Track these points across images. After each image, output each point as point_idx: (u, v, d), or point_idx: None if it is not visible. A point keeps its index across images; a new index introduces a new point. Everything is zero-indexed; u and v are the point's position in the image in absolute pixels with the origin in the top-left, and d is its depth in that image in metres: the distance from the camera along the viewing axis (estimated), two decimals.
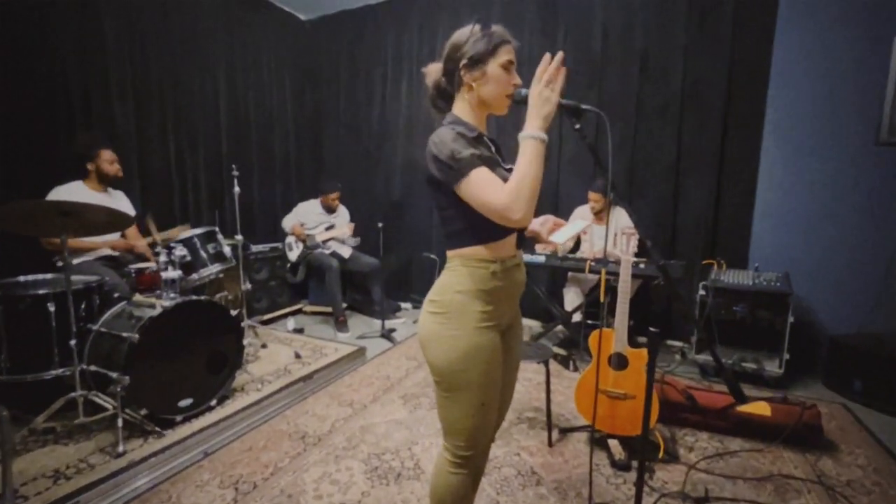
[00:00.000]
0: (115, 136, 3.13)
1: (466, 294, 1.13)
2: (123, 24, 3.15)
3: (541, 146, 1.02)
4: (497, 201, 1.01)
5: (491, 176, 1.04)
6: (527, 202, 1.01)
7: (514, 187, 1.01)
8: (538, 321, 3.93)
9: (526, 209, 1.01)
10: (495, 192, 1.02)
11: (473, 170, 1.04)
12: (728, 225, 3.24)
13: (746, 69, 3.06)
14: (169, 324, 2.02)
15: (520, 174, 1.01)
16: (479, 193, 1.04)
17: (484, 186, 1.03)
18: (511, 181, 1.02)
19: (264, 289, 3.90)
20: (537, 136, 1.01)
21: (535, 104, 1.02)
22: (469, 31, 1.14)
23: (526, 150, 1.02)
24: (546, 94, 1.01)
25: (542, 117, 1.01)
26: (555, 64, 1.02)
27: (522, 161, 1.02)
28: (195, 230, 2.44)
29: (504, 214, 1.02)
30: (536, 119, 1.01)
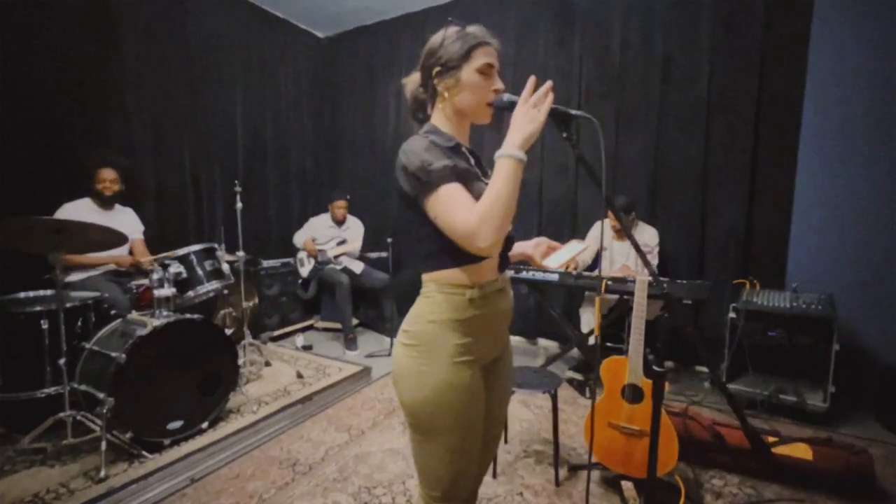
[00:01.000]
0: (132, 152, 3.20)
1: (440, 324, 1.00)
2: (142, 41, 3.23)
3: (518, 166, 0.90)
4: (463, 224, 0.89)
5: (462, 194, 0.92)
6: (496, 228, 0.88)
7: (483, 210, 0.88)
8: (555, 342, 3.73)
9: (494, 236, 0.89)
10: (463, 212, 0.90)
11: (444, 185, 0.92)
12: (762, 241, 2.98)
13: (779, 72, 2.83)
14: (159, 343, 1.97)
15: (492, 196, 0.89)
16: (446, 212, 0.92)
17: (452, 205, 0.91)
18: (481, 203, 0.89)
19: (275, 304, 3.87)
20: (515, 154, 0.89)
21: (519, 122, 0.91)
22: (443, 34, 1.03)
23: (501, 169, 0.89)
24: (532, 113, 0.91)
25: (524, 137, 0.90)
26: (543, 90, 0.92)
27: (496, 181, 0.89)
28: (193, 246, 2.41)
29: (469, 240, 0.89)
30: (517, 137, 0.90)
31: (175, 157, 3.51)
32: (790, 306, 2.47)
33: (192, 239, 3.46)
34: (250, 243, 4.08)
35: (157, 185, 3.40)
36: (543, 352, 3.42)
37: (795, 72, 2.78)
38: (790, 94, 2.81)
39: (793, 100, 2.80)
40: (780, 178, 2.88)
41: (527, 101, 0.91)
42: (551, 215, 3.68)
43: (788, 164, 2.85)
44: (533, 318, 3.78)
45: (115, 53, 3.09)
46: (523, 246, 1.29)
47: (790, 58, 2.79)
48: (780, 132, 2.87)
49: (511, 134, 0.91)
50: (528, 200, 3.71)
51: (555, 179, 3.63)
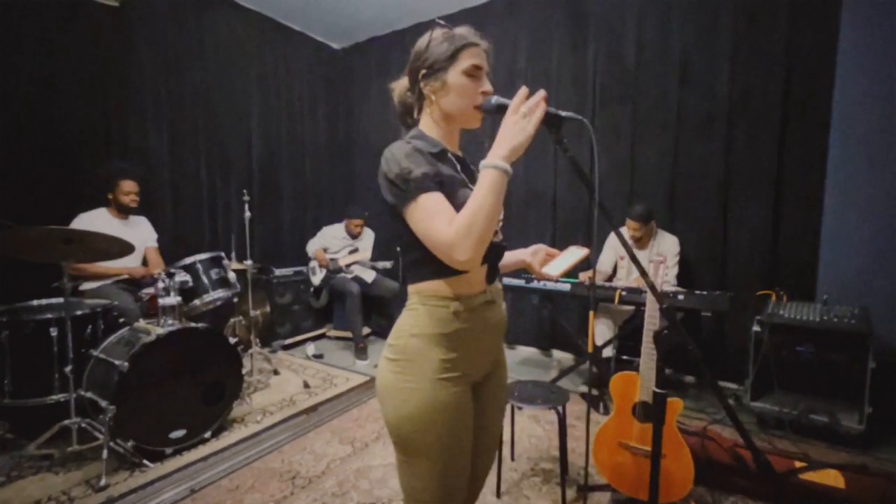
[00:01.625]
0: (149, 162, 3.27)
1: (424, 338, 0.95)
2: (160, 52, 3.32)
3: (502, 178, 0.85)
4: (441, 235, 0.85)
5: (442, 204, 0.88)
6: (476, 241, 0.83)
7: (463, 222, 0.84)
8: (570, 354, 3.61)
9: (474, 250, 0.84)
10: (441, 224, 0.85)
11: (423, 194, 0.88)
12: (789, 250, 2.82)
13: (806, 72, 2.68)
14: (163, 351, 1.97)
15: (473, 208, 0.84)
16: (424, 223, 0.88)
17: (431, 215, 0.87)
18: (461, 215, 0.85)
19: (288, 313, 3.88)
20: (499, 165, 0.84)
21: (507, 133, 0.86)
22: (429, 36, 1.00)
23: (484, 180, 0.85)
24: (522, 124, 0.85)
25: (511, 147, 0.85)
26: (535, 99, 0.86)
27: (478, 193, 0.85)
28: (199, 255, 2.43)
29: (447, 253, 0.85)
30: (503, 148, 0.85)
31: (190, 167, 3.58)
32: (821, 320, 2.31)
33: (207, 247, 3.51)
34: (264, 251, 4.17)
35: (173, 194, 3.47)
36: (557, 364, 3.31)
37: (823, 69, 2.63)
38: (818, 94, 2.66)
39: (821, 99, 2.65)
40: (808, 183, 2.73)
41: (517, 111, 0.86)
42: (565, 225, 3.58)
43: (817, 168, 2.69)
44: (546, 329, 3.67)
45: (133, 64, 3.18)
46: (520, 254, 1.23)
47: (817, 55, 2.64)
48: (807, 134, 2.72)
49: (497, 144, 0.86)
50: (542, 210, 3.63)
51: (569, 189, 3.54)
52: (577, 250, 1.21)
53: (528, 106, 0.86)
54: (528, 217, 3.68)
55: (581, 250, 1.21)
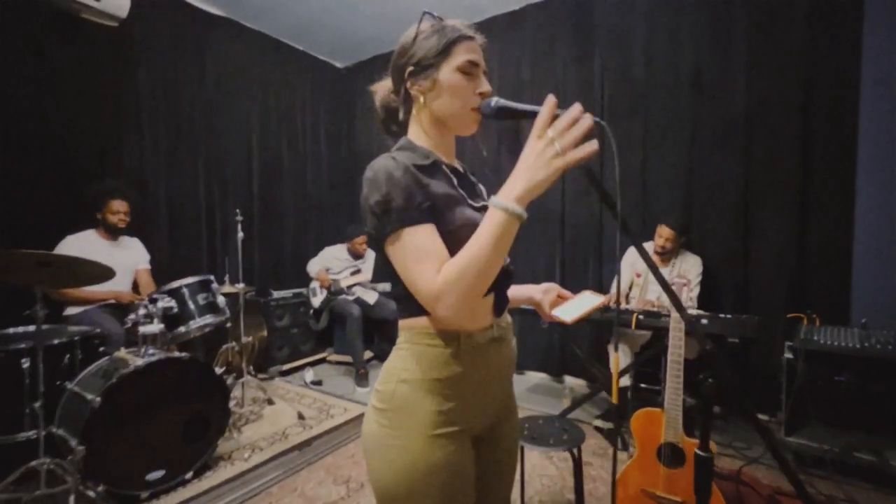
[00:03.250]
0: (144, 182, 3.19)
1: (415, 385, 0.79)
2: (159, 71, 3.27)
3: (510, 224, 0.68)
4: (424, 283, 0.71)
5: (429, 242, 0.73)
6: (463, 296, 0.69)
7: (453, 273, 0.69)
8: (583, 380, 3.40)
9: (460, 306, 0.70)
10: (426, 270, 0.71)
11: (407, 227, 0.73)
12: (818, 270, 2.61)
13: (828, 81, 2.53)
14: (141, 384, 1.82)
15: (468, 256, 0.69)
16: (406, 264, 0.73)
17: (414, 256, 0.73)
18: (453, 262, 0.70)
19: (286, 336, 3.72)
20: (511, 208, 0.67)
21: (530, 163, 0.67)
22: (416, 28, 0.86)
23: (489, 223, 0.69)
24: (548, 154, 0.65)
25: (531, 184, 0.67)
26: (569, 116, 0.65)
27: (479, 237, 0.70)
28: (185, 279, 2.30)
29: (430, 304, 0.72)
30: (520, 182, 0.68)
31: (189, 186, 3.50)
32: (861, 346, 2.09)
33: (204, 269, 3.40)
34: (264, 273, 4.04)
35: (170, 215, 3.37)
36: (569, 392, 3.10)
37: (847, 78, 2.47)
38: (842, 103, 2.49)
39: (846, 109, 2.49)
40: (837, 198, 2.54)
41: (543, 134, 0.66)
42: (574, 243, 3.42)
43: (846, 181, 2.51)
44: (557, 353, 3.47)
45: (130, 83, 3.13)
46: (530, 289, 1.06)
47: (839, 63, 2.49)
48: (832, 145, 2.55)
49: (514, 177, 0.69)
50: (550, 227, 3.47)
51: (578, 203, 3.38)
52: (592, 297, 1.05)
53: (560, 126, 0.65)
54: (534, 235, 3.52)
55: (597, 297, 1.05)
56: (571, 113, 0.65)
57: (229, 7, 3.58)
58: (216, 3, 3.53)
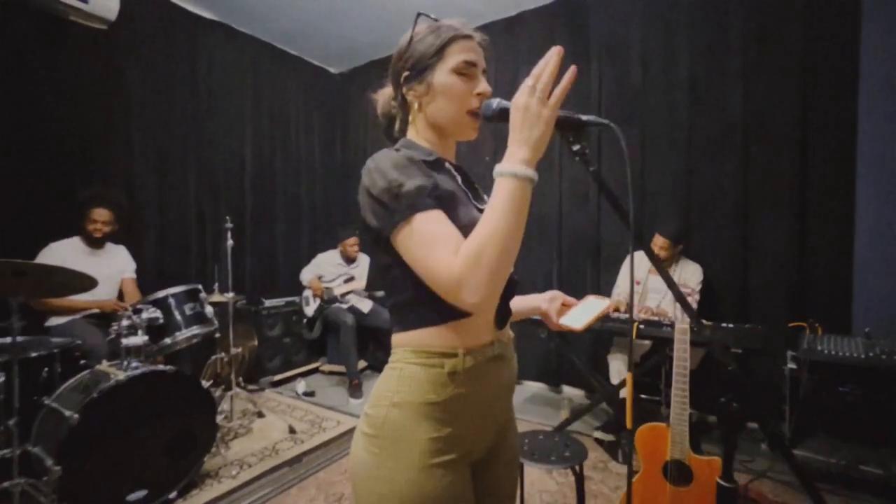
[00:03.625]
0: (133, 186, 3.12)
1: (409, 409, 0.73)
2: (149, 76, 3.20)
3: (523, 188, 0.64)
4: (445, 268, 0.64)
5: (445, 226, 0.67)
6: (489, 276, 0.63)
7: (473, 250, 0.63)
8: (581, 390, 3.34)
9: (487, 288, 0.63)
10: (445, 253, 0.65)
11: (419, 213, 0.67)
12: (820, 277, 2.58)
13: (826, 88, 2.51)
14: (123, 399, 1.74)
15: (486, 230, 0.63)
16: (421, 252, 0.67)
17: (430, 241, 0.66)
18: (471, 240, 0.64)
19: (278, 346, 3.63)
20: (520, 172, 0.64)
21: (520, 123, 0.65)
22: (412, 31, 0.81)
23: (500, 193, 0.64)
24: (536, 108, 0.64)
25: (531, 144, 0.64)
26: (551, 59, 0.66)
27: (492, 211, 0.64)
28: (172, 289, 2.22)
29: (452, 292, 0.64)
30: (521, 146, 0.64)
31: (179, 192, 3.42)
32: (865, 356, 2.05)
33: (194, 278, 3.31)
34: (256, 281, 3.95)
35: (160, 221, 3.29)
36: (567, 403, 3.03)
37: (844, 85, 2.46)
38: (841, 109, 2.48)
39: (844, 115, 2.47)
40: (836, 205, 2.51)
41: (533, 93, 0.65)
42: (572, 250, 3.37)
43: (845, 188, 2.49)
44: (555, 363, 3.41)
45: (119, 87, 3.06)
46: (534, 299, 1.00)
47: (838, 67, 2.48)
48: (831, 153, 2.52)
49: (512, 141, 0.65)
50: (547, 235, 3.42)
51: (576, 210, 3.34)
52: (596, 301, 1.00)
53: (545, 77, 0.65)
54: (530, 243, 3.47)
55: (602, 301, 1.00)
56: (546, 58, 0.66)
57: (222, 11, 3.53)
58: (208, 7, 3.48)
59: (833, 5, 2.48)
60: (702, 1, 2.82)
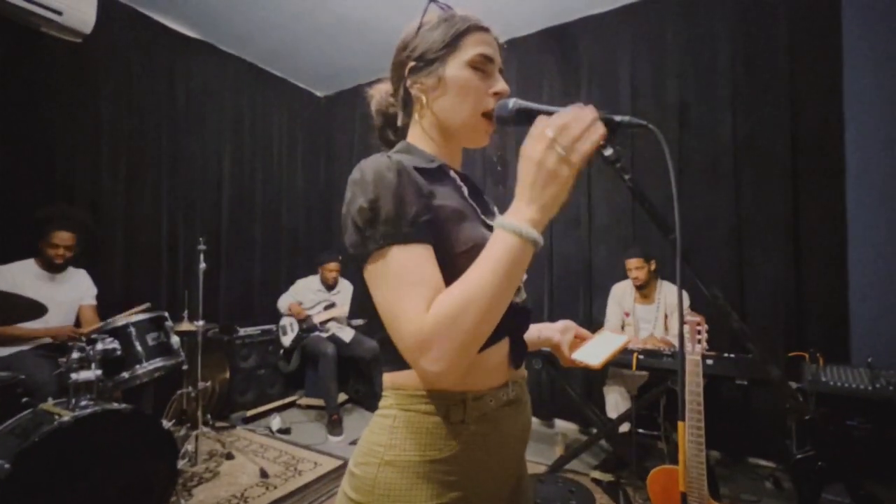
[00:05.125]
0: (99, 205, 2.92)
1: (403, 469, 0.59)
2: (123, 91, 3.06)
3: (525, 250, 0.54)
4: (409, 323, 0.53)
5: (424, 266, 0.56)
6: (461, 346, 0.52)
7: (449, 309, 0.52)
8: (575, 424, 3.18)
9: (455, 359, 0.52)
10: (414, 303, 0.53)
11: (396, 245, 0.55)
12: (815, 305, 2.54)
13: (813, 115, 2.54)
14: (67, 443, 1.51)
15: (469, 288, 0.53)
16: (388, 295, 0.56)
17: (401, 284, 0.55)
18: (449, 296, 0.53)
19: (251, 378, 3.38)
20: (525, 232, 0.53)
21: (531, 180, 0.54)
22: (420, 20, 0.72)
23: (497, 246, 0.54)
24: (555, 165, 0.53)
25: (541, 204, 0.54)
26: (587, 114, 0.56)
27: (484, 266, 0.53)
28: (133, 316, 2.01)
29: (412, 352, 0.53)
30: (529, 204, 0.54)
31: (150, 213, 3.23)
32: (872, 388, 1.98)
33: (164, 305, 3.08)
34: (231, 308, 3.73)
35: (127, 245, 3.08)
36: (561, 438, 2.87)
37: (831, 112, 2.49)
38: (828, 137, 2.50)
39: (832, 143, 2.49)
40: (829, 231, 2.50)
41: (553, 146, 0.54)
42: (563, 276, 3.28)
43: (836, 215, 2.48)
44: (546, 395, 3.26)
45: (90, 102, 2.90)
46: (547, 329, 0.88)
47: (823, 97, 2.51)
48: (821, 179, 2.53)
49: (520, 197, 0.55)
50: (537, 260, 3.31)
51: (566, 233, 3.27)
52: (613, 337, 0.90)
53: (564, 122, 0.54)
54: None
55: (619, 337, 0.90)
56: (574, 108, 0.55)
57: (204, 29, 3.45)
58: (190, 24, 3.39)
59: (817, 32, 2.53)
60: (690, 27, 2.87)
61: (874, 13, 2.41)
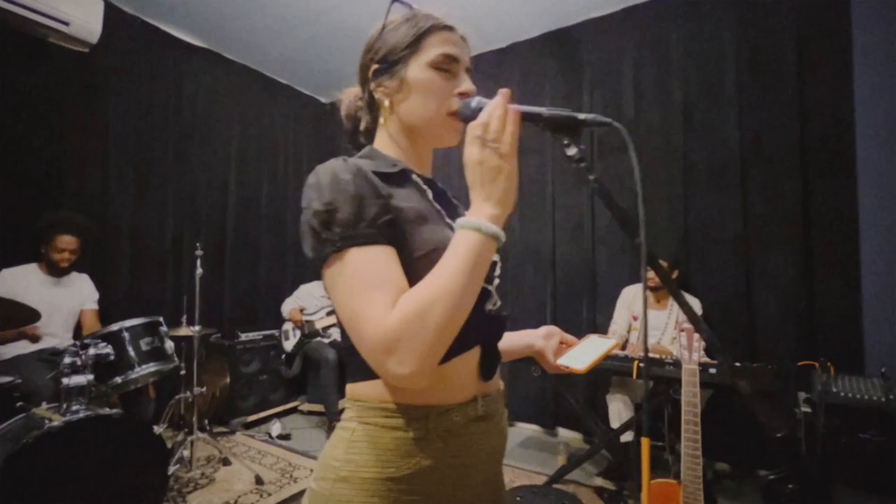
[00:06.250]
0: (106, 211, 2.97)
1: (358, 486, 0.56)
2: (131, 100, 3.11)
3: (487, 245, 0.54)
4: (372, 324, 0.51)
5: (385, 267, 0.54)
6: (430, 345, 0.50)
7: (415, 306, 0.50)
8: (579, 433, 3.11)
9: (423, 358, 0.50)
10: (376, 304, 0.51)
11: (354, 248, 0.54)
12: (827, 312, 2.45)
13: (823, 118, 2.47)
14: (56, 448, 1.51)
15: (434, 286, 0.51)
16: (348, 298, 0.53)
17: (361, 286, 0.53)
18: (413, 294, 0.52)
19: (253, 384, 3.38)
20: (485, 227, 0.53)
21: (479, 180, 0.55)
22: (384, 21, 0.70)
23: (460, 245, 0.53)
24: (494, 161, 0.54)
25: (495, 199, 0.54)
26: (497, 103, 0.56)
27: (448, 265, 0.52)
28: (127, 321, 2.02)
29: (377, 355, 0.51)
30: (484, 202, 0.55)
31: (156, 219, 3.27)
32: (886, 399, 1.89)
33: (169, 310, 3.10)
34: (236, 314, 3.74)
35: (133, 249, 3.11)
36: (564, 448, 2.81)
37: (841, 115, 2.41)
38: (840, 136, 2.41)
39: (844, 141, 2.40)
40: (841, 235, 2.41)
41: (484, 144, 0.55)
42: (567, 283, 3.23)
43: (849, 221, 2.40)
44: (550, 403, 3.19)
45: (98, 111, 2.95)
46: (529, 336, 0.84)
47: (833, 99, 2.44)
48: (833, 180, 2.44)
49: (475, 198, 0.55)
50: (540, 267, 3.28)
51: (570, 239, 3.22)
52: (600, 340, 0.86)
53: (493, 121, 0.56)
54: (523, 276, 3.33)
55: (606, 341, 0.86)
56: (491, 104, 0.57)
57: (210, 37, 3.50)
58: (195, 33, 3.44)
59: (825, 29, 2.46)
60: (694, 28, 2.82)
61: (885, 8, 2.34)
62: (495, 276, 0.70)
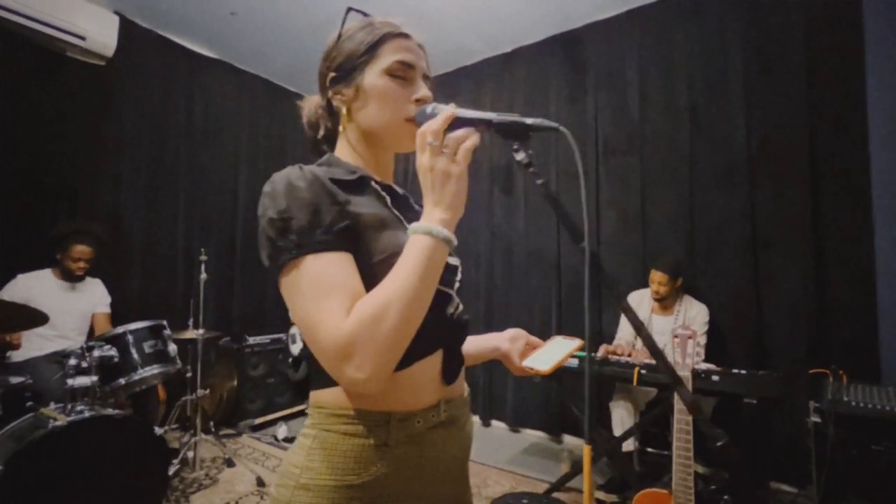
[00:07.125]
0: (119, 218, 3.06)
1: (317, 494, 0.57)
2: (145, 111, 3.21)
3: (439, 249, 0.55)
4: (328, 330, 0.52)
5: (340, 273, 0.55)
6: (385, 349, 0.51)
7: (370, 310, 0.51)
8: (580, 438, 3.06)
9: (379, 362, 0.51)
10: (331, 310, 0.52)
11: (310, 255, 0.54)
12: (840, 318, 2.36)
13: (833, 118, 2.39)
14: (61, 448, 1.56)
15: (389, 290, 0.52)
16: (304, 304, 0.54)
17: (317, 292, 0.53)
18: (369, 300, 0.53)
19: (260, 387, 3.43)
20: (436, 231, 0.55)
21: (430, 185, 0.57)
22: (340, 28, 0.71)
23: (412, 249, 0.54)
24: (443, 165, 0.56)
25: (446, 203, 0.56)
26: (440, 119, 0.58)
27: (401, 269, 0.54)
28: (131, 324, 2.08)
29: (334, 360, 0.51)
30: (435, 206, 0.56)
31: (167, 226, 3.36)
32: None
33: (178, 314, 3.18)
34: (245, 317, 3.81)
35: (145, 254, 3.21)
36: (568, 455, 2.77)
37: (854, 109, 2.33)
38: (852, 138, 2.34)
39: (856, 143, 2.33)
40: (854, 239, 2.33)
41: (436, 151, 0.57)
42: (571, 288, 3.19)
43: (862, 220, 2.31)
44: (556, 410, 3.15)
45: (113, 122, 3.06)
46: (494, 339, 0.84)
47: (843, 99, 2.36)
48: (844, 183, 2.37)
49: (427, 204, 0.57)
50: (545, 271, 3.26)
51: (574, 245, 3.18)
52: (565, 341, 0.85)
53: (434, 128, 0.57)
54: (528, 280, 3.31)
55: (571, 341, 0.85)
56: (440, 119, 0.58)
57: (221, 49, 3.60)
58: (207, 45, 3.54)
59: (836, 28, 2.39)
60: (700, 28, 2.77)
61: None
62: (456, 281, 0.70)
